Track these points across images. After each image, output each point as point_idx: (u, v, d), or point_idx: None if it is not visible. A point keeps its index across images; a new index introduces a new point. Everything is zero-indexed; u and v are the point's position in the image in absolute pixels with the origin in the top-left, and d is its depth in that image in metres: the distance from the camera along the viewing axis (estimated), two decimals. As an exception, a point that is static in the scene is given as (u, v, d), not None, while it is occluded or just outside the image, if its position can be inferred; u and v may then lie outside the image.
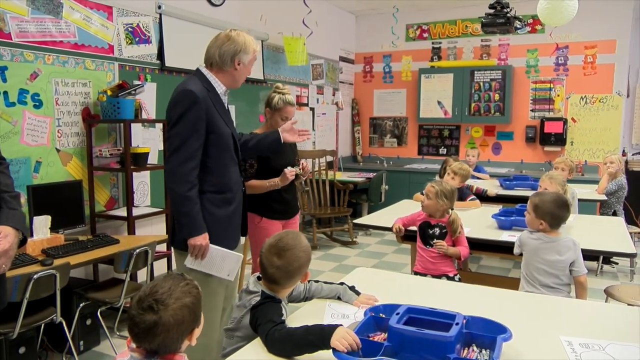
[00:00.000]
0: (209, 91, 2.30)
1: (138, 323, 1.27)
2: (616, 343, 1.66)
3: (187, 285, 1.35)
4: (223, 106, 2.39)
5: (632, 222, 5.90)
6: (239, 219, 2.49)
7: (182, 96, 2.22)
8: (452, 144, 7.59)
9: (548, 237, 2.64)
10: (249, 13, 5.55)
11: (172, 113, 2.24)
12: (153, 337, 1.27)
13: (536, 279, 2.64)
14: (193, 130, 2.20)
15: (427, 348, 1.44)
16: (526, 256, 2.72)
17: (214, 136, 2.28)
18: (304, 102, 6.77)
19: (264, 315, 1.64)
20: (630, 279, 4.91)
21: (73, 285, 3.19)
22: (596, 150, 6.72)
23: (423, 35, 7.63)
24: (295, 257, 1.73)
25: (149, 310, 1.27)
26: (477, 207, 4.19)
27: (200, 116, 2.21)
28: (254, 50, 2.38)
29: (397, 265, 5.28)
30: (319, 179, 6.31)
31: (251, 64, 2.42)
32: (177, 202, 2.21)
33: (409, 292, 2.23)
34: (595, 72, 6.66)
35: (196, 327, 1.37)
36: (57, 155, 3.59)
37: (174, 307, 1.29)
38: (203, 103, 2.22)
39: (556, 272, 2.60)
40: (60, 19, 3.57)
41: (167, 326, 1.27)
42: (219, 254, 2.31)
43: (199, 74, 2.36)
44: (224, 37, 2.35)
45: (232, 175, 2.40)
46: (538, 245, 2.66)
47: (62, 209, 3.37)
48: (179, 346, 1.33)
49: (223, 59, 2.32)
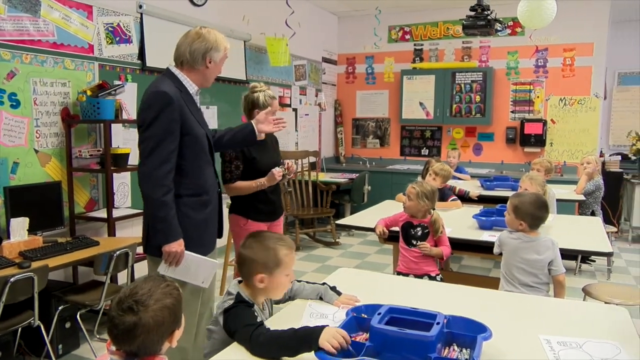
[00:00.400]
0: (181, 91, 2.24)
1: (117, 324, 1.26)
2: (593, 340, 1.69)
3: (167, 286, 1.34)
4: (196, 106, 2.34)
5: (609, 221, 6.01)
6: (215, 222, 2.44)
7: (155, 98, 2.16)
8: (433, 145, 7.65)
9: (527, 237, 2.68)
10: (231, 13, 5.53)
11: (145, 115, 2.16)
12: (133, 339, 1.26)
13: (516, 278, 2.68)
14: (167, 133, 2.14)
15: (408, 348, 1.44)
16: (506, 255, 2.76)
17: (189, 138, 2.23)
18: (286, 103, 6.76)
19: (239, 320, 1.63)
20: (607, 278, 5.00)
21: (52, 287, 3.13)
22: (575, 151, 6.83)
23: (405, 37, 7.68)
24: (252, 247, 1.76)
25: (128, 312, 1.26)
26: (459, 208, 4.23)
27: (175, 118, 2.16)
28: (225, 47, 2.33)
29: (380, 266, 5.30)
30: (302, 179, 6.30)
31: (222, 62, 2.36)
32: (153, 207, 2.14)
33: (391, 292, 2.24)
34: (574, 74, 6.77)
35: (177, 328, 1.36)
36: (36, 156, 3.54)
37: (154, 308, 1.28)
38: (177, 104, 2.16)
39: (535, 272, 2.64)
40: (39, 17, 3.52)
41: (147, 327, 1.26)
42: (194, 261, 2.24)
43: (170, 74, 2.29)
44: (194, 34, 2.28)
45: (208, 177, 2.36)
46: (517, 244, 2.69)
47: (40, 210, 3.32)
48: (159, 348, 1.32)
49: (194, 57, 2.26)
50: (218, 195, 2.47)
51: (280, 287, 1.79)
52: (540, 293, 2.62)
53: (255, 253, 1.75)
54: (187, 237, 2.21)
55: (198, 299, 2.35)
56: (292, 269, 1.80)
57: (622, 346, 1.65)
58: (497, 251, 2.84)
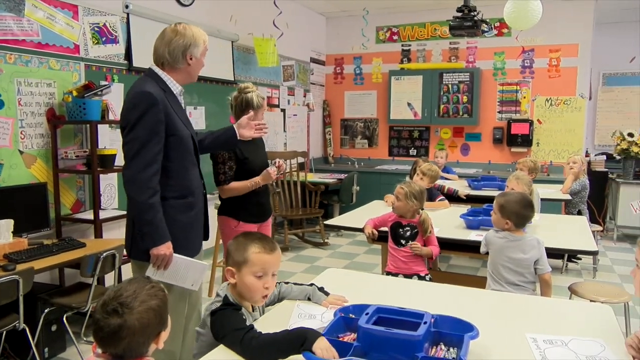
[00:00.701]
0: (165, 92, 2.20)
1: (103, 327, 1.25)
2: (578, 338, 1.71)
3: (152, 288, 1.33)
4: (180, 107, 2.30)
5: (594, 220, 6.08)
6: (201, 224, 2.42)
7: (139, 98, 2.11)
8: (421, 145, 7.68)
9: (513, 235, 2.70)
10: (218, 13, 5.51)
11: (129, 116, 2.11)
12: (118, 341, 1.25)
13: (502, 277, 2.70)
14: (153, 134, 2.09)
15: (396, 347, 1.45)
16: (492, 254, 2.78)
17: (174, 139, 2.18)
18: (275, 104, 6.75)
19: (227, 324, 1.61)
20: (593, 276, 5.05)
21: (37, 290, 3.10)
22: (561, 151, 6.90)
23: (393, 38, 7.70)
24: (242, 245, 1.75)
25: (113, 314, 1.25)
26: (446, 207, 4.26)
27: (159, 118, 2.11)
28: (204, 41, 2.28)
29: (369, 266, 5.31)
30: (290, 180, 6.30)
31: (203, 56, 2.31)
32: (139, 210, 2.09)
33: (379, 292, 2.25)
34: (560, 75, 6.84)
35: (163, 330, 1.35)
36: (20, 157, 3.50)
37: (139, 310, 1.27)
38: (161, 105, 2.12)
39: (521, 270, 2.66)
40: (23, 17, 3.48)
41: (133, 330, 1.25)
42: (182, 264, 2.21)
43: (153, 74, 2.24)
44: (170, 32, 2.22)
45: (194, 179, 2.32)
46: (503, 243, 2.72)
47: (25, 212, 3.29)
48: (145, 350, 1.31)
49: (174, 56, 2.21)
50: (204, 197, 2.44)
51: (251, 288, 1.70)
52: (527, 292, 2.64)
53: (232, 245, 1.76)
54: (174, 240, 2.18)
55: (185, 302, 2.34)
56: (266, 272, 1.71)
57: (607, 343, 1.67)
58: (483, 250, 2.87)
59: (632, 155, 6.31)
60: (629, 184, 6.40)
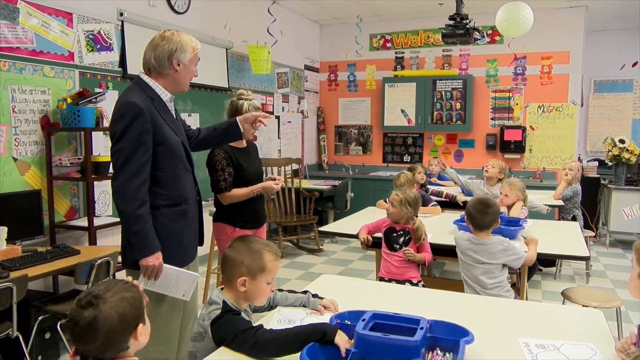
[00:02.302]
0: (153, 100, 2.17)
1: (78, 321, 1.24)
2: (570, 343, 1.73)
3: (125, 284, 1.33)
4: (170, 114, 2.26)
5: (587, 226, 6.12)
6: (195, 230, 2.39)
7: (125, 109, 2.08)
8: (415, 152, 7.72)
9: (477, 239, 2.77)
10: (213, 21, 5.53)
11: (115, 128, 2.09)
12: (95, 334, 1.23)
13: (473, 277, 2.78)
14: (139, 144, 2.07)
15: (393, 353, 1.46)
16: (459, 255, 2.86)
17: (164, 147, 2.16)
18: (269, 110, 6.77)
19: (231, 329, 1.62)
20: (586, 282, 5.08)
21: (31, 298, 3.09)
22: (554, 157, 6.95)
23: (386, 45, 7.75)
24: (237, 248, 1.76)
25: (87, 306, 1.24)
26: (438, 213, 4.28)
27: (146, 129, 2.08)
28: (192, 48, 2.22)
29: (363, 272, 5.32)
30: (285, 187, 6.30)
31: (193, 64, 2.26)
32: (127, 221, 2.07)
33: (373, 298, 2.25)
34: (552, 81, 6.91)
35: (141, 323, 1.32)
36: (14, 165, 3.49)
37: (113, 299, 1.26)
38: (147, 114, 2.08)
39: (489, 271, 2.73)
40: (17, 24, 3.48)
41: (110, 320, 1.24)
42: (173, 274, 2.19)
43: (141, 82, 2.21)
44: (157, 38, 2.19)
45: (187, 186, 2.29)
46: (467, 245, 2.80)
47: (19, 219, 3.28)
48: (125, 344, 1.29)
49: (160, 61, 2.17)
50: (198, 204, 2.42)
51: (262, 294, 1.77)
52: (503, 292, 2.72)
53: (240, 254, 1.73)
54: (167, 248, 2.17)
55: (179, 311, 2.32)
56: (274, 277, 1.79)
57: (598, 347, 1.69)
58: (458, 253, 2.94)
59: (624, 162, 6.37)
60: (620, 190, 6.46)
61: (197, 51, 2.26)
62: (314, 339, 1.54)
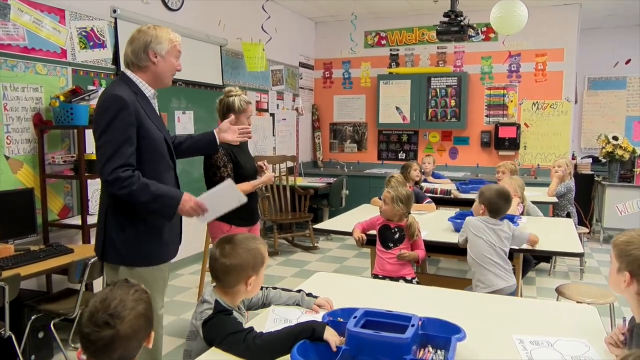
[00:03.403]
0: (137, 95, 2.18)
1: (95, 341, 1.24)
2: (564, 339, 1.73)
3: (136, 292, 1.32)
4: (153, 110, 2.27)
5: (581, 223, 6.14)
6: (178, 225, 2.41)
7: (110, 101, 2.09)
8: (410, 149, 7.73)
9: (491, 220, 2.91)
10: (207, 18, 5.51)
11: (100, 120, 2.09)
12: (113, 351, 1.25)
13: (486, 259, 2.84)
14: (125, 136, 2.07)
15: (384, 350, 1.46)
16: (472, 238, 2.91)
17: (146, 142, 2.16)
18: (263, 108, 6.76)
19: (222, 331, 1.61)
20: (580, 278, 5.11)
21: (24, 297, 3.07)
22: (548, 154, 6.97)
23: (381, 42, 7.75)
24: (235, 253, 1.70)
25: (105, 327, 1.24)
26: (433, 210, 4.28)
27: (131, 121, 2.09)
28: (169, 40, 2.22)
29: (358, 269, 5.32)
30: (280, 184, 6.30)
31: (172, 56, 2.25)
32: (136, 199, 2.07)
33: (367, 296, 2.26)
34: (546, 79, 6.92)
35: (151, 330, 1.36)
36: (7, 163, 3.47)
37: (129, 318, 1.27)
38: (132, 107, 2.10)
39: (501, 252, 2.86)
40: (8, 21, 3.46)
41: (127, 338, 1.26)
42: (215, 196, 2.21)
43: (125, 78, 2.23)
44: (135, 32, 2.23)
45: (168, 182, 2.28)
46: (482, 225, 2.89)
47: (12, 218, 3.26)
48: (137, 352, 1.32)
49: (136, 54, 2.19)
50: None
51: (260, 283, 1.80)
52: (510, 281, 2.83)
53: (241, 258, 1.71)
54: (148, 241, 2.19)
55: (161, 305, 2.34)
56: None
57: (591, 344, 1.70)
58: (461, 239, 3.00)
59: (617, 158, 6.40)
60: (614, 187, 6.49)
61: (176, 44, 2.26)
62: (303, 338, 1.54)
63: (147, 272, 2.20)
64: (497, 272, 2.82)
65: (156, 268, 2.24)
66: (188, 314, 3.91)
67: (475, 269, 2.89)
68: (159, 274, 2.26)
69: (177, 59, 2.28)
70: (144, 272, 2.19)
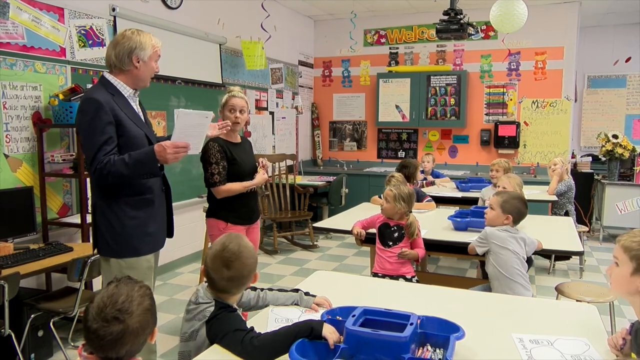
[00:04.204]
0: (114, 95, 2.30)
1: (104, 335, 1.25)
2: (564, 338, 1.73)
3: (141, 288, 1.35)
4: (131, 109, 2.38)
5: (581, 221, 6.14)
6: (162, 220, 2.50)
7: (86, 104, 2.24)
8: (410, 148, 7.72)
9: (513, 229, 2.84)
10: (206, 16, 5.50)
11: (80, 123, 2.25)
12: (121, 346, 1.27)
13: (515, 270, 2.74)
14: (106, 136, 2.21)
15: (382, 349, 1.46)
16: (496, 249, 2.79)
17: (124, 139, 2.28)
18: (263, 106, 6.75)
19: (226, 327, 1.61)
20: (579, 277, 5.11)
21: (23, 295, 3.07)
22: (548, 152, 6.97)
23: (381, 41, 7.74)
24: (243, 265, 1.70)
25: (114, 322, 1.26)
26: (433, 209, 4.28)
27: (108, 120, 2.22)
28: (152, 46, 2.36)
29: (358, 268, 5.32)
30: (279, 183, 6.29)
31: (153, 60, 2.39)
32: (123, 175, 2.21)
33: (367, 294, 2.26)
34: (546, 77, 6.92)
35: (155, 326, 1.38)
36: (6, 161, 3.46)
37: (138, 313, 1.29)
38: (107, 107, 2.22)
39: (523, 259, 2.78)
40: (7, 19, 3.45)
41: (135, 333, 1.28)
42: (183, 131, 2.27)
43: (104, 80, 2.35)
44: (119, 37, 2.35)
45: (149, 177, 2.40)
46: (506, 236, 2.79)
47: (11, 216, 3.25)
48: (141, 349, 1.34)
49: (120, 58, 2.31)
50: (165, 194, 2.52)
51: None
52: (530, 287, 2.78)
53: (248, 263, 1.72)
54: (130, 234, 2.31)
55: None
56: None
57: (591, 342, 1.69)
58: (480, 250, 2.87)
59: (617, 157, 6.39)
60: (614, 185, 6.48)
61: (157, 49, 2.41)
62: (301, 337, 1.54)
63: (136, 262, 2.35)
64: (523, 282, 2.73)
65: (143, 258, 2.37)
66: (187, 313, 3.90)
67: (502, 281, 2.76)
68: (146, 264, 2.39)
69: (156, 63, 2.43)
70: (134, 262, 2.34)
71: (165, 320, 3.84)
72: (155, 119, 4.77)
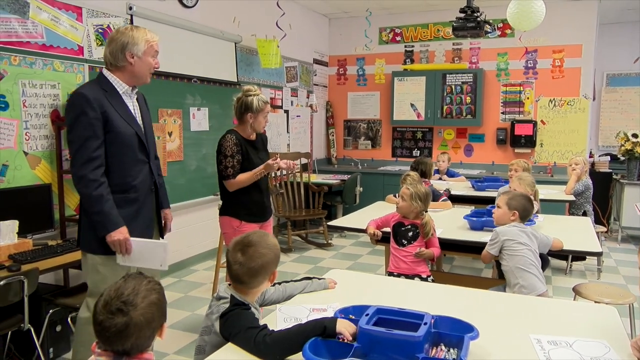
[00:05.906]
0: (107, 91, 2.31)
1: (108, 327, 1.27)
2: (583, 340, 1.71)
3: (149, 282, 1.36)
4: (124, 106, 2.38)
5: (598, 221, 6.06)
6: (148, 219, 2.50)
7: (74, 100, 2.26)
8: (425, 146, 7.68)
9: (521, 224, 2.90)
10: (222, 15, 5.52)
11: (67, 118, 2.29)
12: (126, 339, 1.28)
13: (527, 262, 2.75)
14: (90, 131, 2.23)
15: (396, 348, 1.45)
16: (510, 245, 2.80)
17: (112, 135, 2.29)
18: (277, 105, 6.76)
19: (239, 323, 1.62)
20: (597, 278, 5.04)
21: (42, 291, 3.11)
22: (565, 151, 6.88)
23: (396, 39, 7.70)
24: (259, 253, 1.71)
25: (118, 313, 1.27)
26: (449, 208, 4.25)
27: (95, 116, 2.24)
28: (146, 40, 2.35)
29: (372, 267, 5.31)
30: (294, 181, 6.30)
31: (149, 55, 2.38)
32: (87, 203, 2.26)
33: (381, 293, 2.25)
34: (563, 75, 6.83)
35: (164, 322, 1.38)
36: (25, 159, 3.51)
37: (142, 306, 1.30)
38: (95, 103, 2.24)
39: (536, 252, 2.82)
40: (27, 19, 3.50)
41: (139, 326, 1.28)
42: (144, 245, 2.32)
43: (100, 77, 2.37)
44: (113, 33, 2.37)
45: (137, 175, 2.41)
46: (517, 231, 2.83)
47: (30, 213, 3.30)
48: (150, 343, 1.34)
49: (114, 55, 2.33)
50: (152, 193, 2.53)
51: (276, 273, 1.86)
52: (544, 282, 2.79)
53: (266, 257, 1.73)
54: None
55: None
56: None
57: (611, 345, 1.67)
58: (494, 250, 2.85)
59: (636, 156, 6.29)
60: (633, 185, 6.38)
61: (153, 44, 2.40)
62: (315, 335, 1.54)
63: (108, 260, 2.36)
64: (536, 273, 2.74)
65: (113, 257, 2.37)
66: (202, 310, 3.93)
67: (518, 274, 2.74)
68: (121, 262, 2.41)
69: (154, 58, 2.42)
70: (106, 259, 2.36)
71: (180, 317, 3.87)
72: (171, 116, 4.80)
